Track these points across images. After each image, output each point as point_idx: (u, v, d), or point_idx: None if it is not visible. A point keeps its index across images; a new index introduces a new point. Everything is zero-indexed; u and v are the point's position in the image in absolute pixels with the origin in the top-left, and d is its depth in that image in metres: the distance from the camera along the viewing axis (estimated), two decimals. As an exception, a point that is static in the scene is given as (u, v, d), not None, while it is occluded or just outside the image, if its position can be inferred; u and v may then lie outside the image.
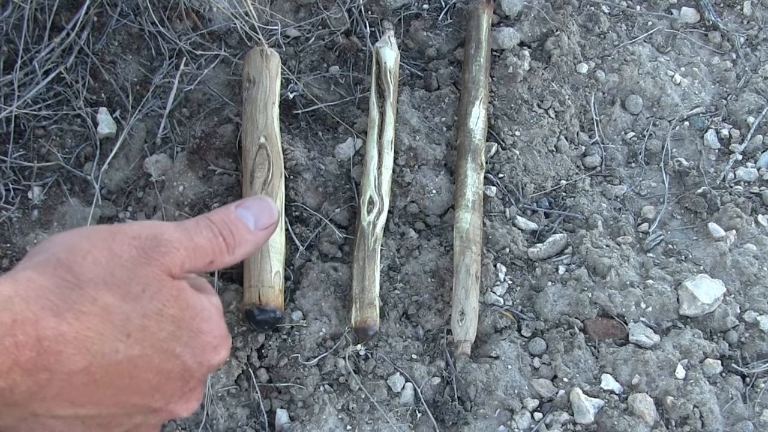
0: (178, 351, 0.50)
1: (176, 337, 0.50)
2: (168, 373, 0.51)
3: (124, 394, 0.50)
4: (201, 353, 0.51)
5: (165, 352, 0.50)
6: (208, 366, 0.53)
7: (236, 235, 0.54)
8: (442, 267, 1.12)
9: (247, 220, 0.55)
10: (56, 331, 0.45)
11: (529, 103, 1.27)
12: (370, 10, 1.36)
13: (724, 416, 1.02)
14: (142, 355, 0.49)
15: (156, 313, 0.49)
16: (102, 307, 0.47)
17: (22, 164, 1.19)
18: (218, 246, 0.53)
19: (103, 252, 0.48)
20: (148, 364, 0.49)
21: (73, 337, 0.46)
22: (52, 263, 0.47)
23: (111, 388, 0.49)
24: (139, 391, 0.51)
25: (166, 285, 0.49)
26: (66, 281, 0.46)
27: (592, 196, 1.21)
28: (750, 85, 1.33)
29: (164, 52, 1.27)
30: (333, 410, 1.01)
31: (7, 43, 1.21)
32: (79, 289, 0.46)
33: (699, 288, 1.09)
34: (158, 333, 0.49)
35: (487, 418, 1.02)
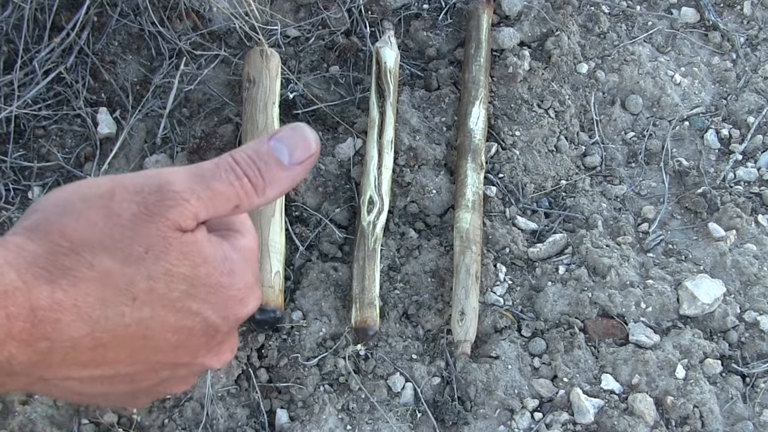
0: (195, 308, 0.45)
1: (191, 295, 0.45)
2: (188, 330, 0.46)
3: (142, 354, 0.46)
4: (224, 308, 0.46)
5: (180, 310, 0.45)
6: (236, 319, 0.48)
7: (266, 174, 0.47)
8: (442, 267, 1.12)
9: (280, 153, 0.48)
10: (51, 300, 0.41)
11: (529, 103, 1.27)
12: (370, 10, 1.36)
13: (724, 416, 1.02)
14: (154, 317, 0.44)
15: (164, 274, 0.44)
16: (101, 272, 0.42)
17: (22, 164, 1.19)
18: (243, 189, 0.47)
19: (100, 212, 0.43)
20: (162, 324, 0.45)
21: (71, 304, 0.42)
22: (43, 227, 0.43)
23: (124, 349, 0.45)
24: (159, 350, 0.46)
25: (173, 243, 0.44)
26: (59, 246, 0.42)
27: (592, 196, 1.22)
28: (750, 85, 1.33)
29: (164, 52, 1.27)
30: (333, 410, 1.01)
31: (7, 43, 1.21)
32: (74, 254, 0.42)
33: (699, 288, 1.09)
34: (169, 293, 0.44)
35: (487, 418, 1.02)
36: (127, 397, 0.51)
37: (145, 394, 0.52)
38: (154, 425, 1.00)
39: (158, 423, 1.00)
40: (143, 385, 0.50)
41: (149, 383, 0.50)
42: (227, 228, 0.49)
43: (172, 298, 0.44)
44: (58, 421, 1.01)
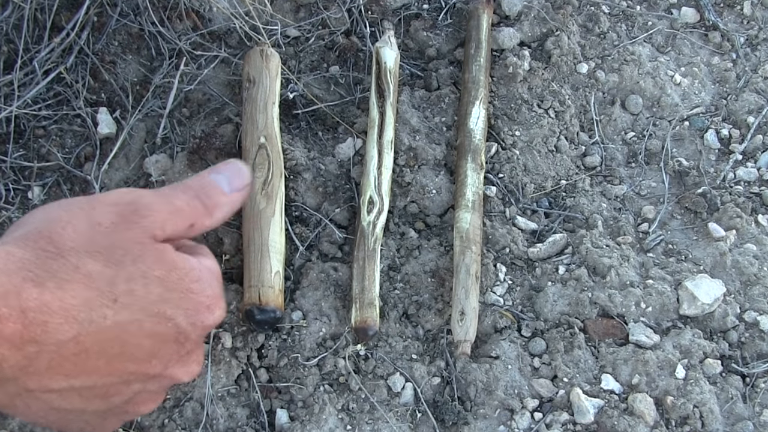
0: (169, 313, 0.49)
1: (165, 299, 0.49)
2: (161, 336, 0.50)
3: (118, 362, 0.49)
4: (194, 313, 0.51)
5: (156, 315, 0.49)
6: (203, 327, 0.52)
7: (213, 198, 0.54)
8: (442, 267, 1.12)
9: (221, 183, 0.55)
10: (39, 302, 0.44)
11: (529, 103, 1.27)
12: (370, 10, 1.36)
13: (724, 416, 1.02)
14: (132, 320, 0.48)
15: (141, 276, 0.48)
16: (85, 274, 0.46)
17: (22, 164, 1.19)
18: (197, 208, 0.53)
19: (83, 221, 0.47)
20: (139, 328, 0.49)
21: (59, 306, 0.45)
22: (32, 235, 0.47)
23: (103, 356, 0.48)
24: (134, 358, 0.50)
25: (148, 248, 0.49)
26: (46, 251, 0.46)
27: (592, 196, 1.22)
28: (750, 85, 1.33)
29: (164, 52, 1.27)
30: (333, 410, 1.01)
31: (7, 43, 1.21)
32: (61, 257, 0.46)
33: (699, 288, 1.09)
34: (146, 296, 0.48)
35: (487, 418, 1.02)
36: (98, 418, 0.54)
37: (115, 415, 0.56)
38: (154, 425, 1.00)
39: (158, 423, 1.00)
40: (115, 401, 0.53)
41: (121, 398, 0.53)
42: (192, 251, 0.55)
43: (149, 300, 0.49)
44: (58, 421, 1.01)
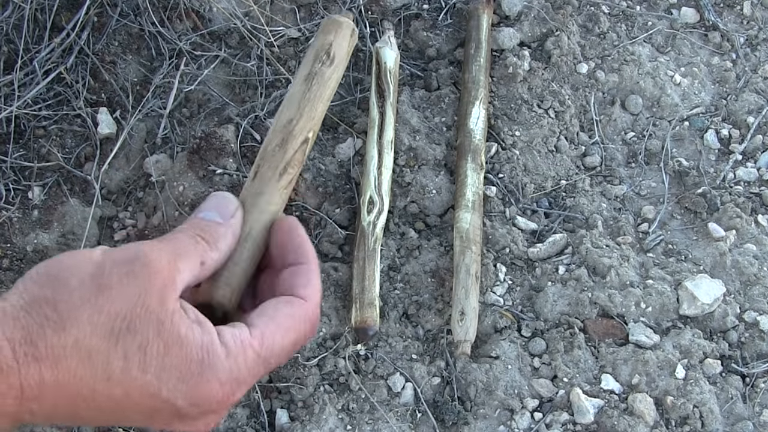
0: (165, 394, 0.48)
1: (161, 380, 0.48)
2: (158, 412, 0.49)
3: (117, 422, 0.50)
4: (193, 396, 0.49)
5: (151, 395, 0.48)
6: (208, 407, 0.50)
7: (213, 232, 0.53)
8: (442, 267, 1.12)
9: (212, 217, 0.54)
10: (38, 378, 0.45)
11: (529, 103, 1.27)
12: (370, 10, 1.36)
13: (724, 416, 1.02)
14: (126, 396, 0.48)
15: (138, 351, 0.47)
16: (83, 351, 0.46)
17: (22, 164, 1.19)
18: (200, 246, 0.52)
19: (92, 289, 0.47)
20: (134, 404, 0.48)
21: (53, 381, 0.46)
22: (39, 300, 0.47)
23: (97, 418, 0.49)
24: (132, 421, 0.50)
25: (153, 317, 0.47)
26: (50, 320, 0.46)
27: (592, 196, 1.22)
28: (750, 85, 1.33)
29: (164, 52, 1.27)
30: (333, 410, 1.01)
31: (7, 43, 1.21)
32: (62, 330, 0.46)
33: (699, 288, 1.09)
34: (142, 375, 0.47)
35: (487, 418, 1.02)
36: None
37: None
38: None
39: (158, 423, 1.00)
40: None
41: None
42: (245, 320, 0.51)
43: (144, 381, 0.47)
44: (58, 421, 1.01)
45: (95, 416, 0.49)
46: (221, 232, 0.53)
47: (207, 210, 0.55)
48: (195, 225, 0.53)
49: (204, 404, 0.49)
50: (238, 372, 0.50)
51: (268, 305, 0.52)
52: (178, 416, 0.50)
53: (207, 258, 0.52)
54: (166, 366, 0.48)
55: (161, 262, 0.49)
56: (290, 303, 0.53)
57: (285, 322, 0.52)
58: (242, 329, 0.50)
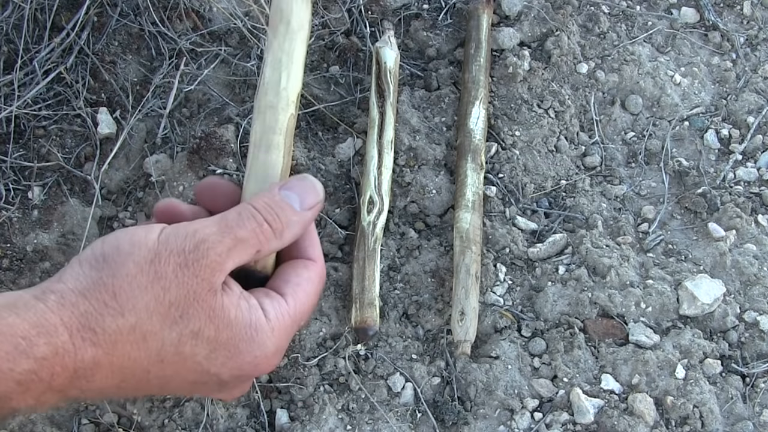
0: (213, 371, 0.50)
1: (211, 359, 0.50)
2: (203, 384, 0.51)
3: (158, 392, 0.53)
4: (237, 370, 0.51)
5: (199, 372, 0.50)
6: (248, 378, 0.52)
7: (282, 219, 0.52)
8: (442, 267, 1.12)
9: (292, 201, 0.53)
10: (92, 361, 0.47)
11: (529, 103, 1.27)
12: (370, 10, 1.36)
13: (724, 416, 1.02)
14: (175, 374, 0.50)
15: (191, 336, 0.49)
16: (139, 336, 0.48)
17: (22, 164, 1.19)
18: (263, 234, 0.51)
19: (149, 276, 0.48)
20: (181, 380, 0.50)
21: (108, 362, 0.47)
22: (98, 286, 0.48)
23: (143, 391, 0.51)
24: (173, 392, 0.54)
25: (205, 303, 0.49)
26: (109, 307, 0.47)
27: (592, 196, 1.22)
28: (750, 85, 1.33)
29: (164, 52, 1.27)
30: (333, 410, 1.01)
31: (7, 43, 1.21)
32: (121, 316, 0.47)
33: (699, 288, 1.09)
34: (192, 357, 0.49)
35: (487, 418, 1.02)
36: None
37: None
38: (154, 425, 1.00)
39: (158, 423, 1.00)
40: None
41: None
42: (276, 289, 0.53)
43: (194, 361, 0.50)
44: (58, 421, 1.01)
45: (141, 391, 0.51)
46: (293, 221, 0.52)
47: (291, 190, 0.53)
48: (272, 204, 0.52)
49: (247, 375, 0.52)
50: (281, 342, 0.52)
51: (289, 270, 0.54)
52: (219, 387, 0.52)
53: (265, 247, 0.52)
54: (216, 347, 0.50)
55: (216, 253, 0.49)
56: (307, 267, 0.55)
57: (308, 287, 0.54)
58: (280, 301, 0.52)
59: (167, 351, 0.48)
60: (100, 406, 1.02)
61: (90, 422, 1.01)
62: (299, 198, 0.53)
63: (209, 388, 0.52)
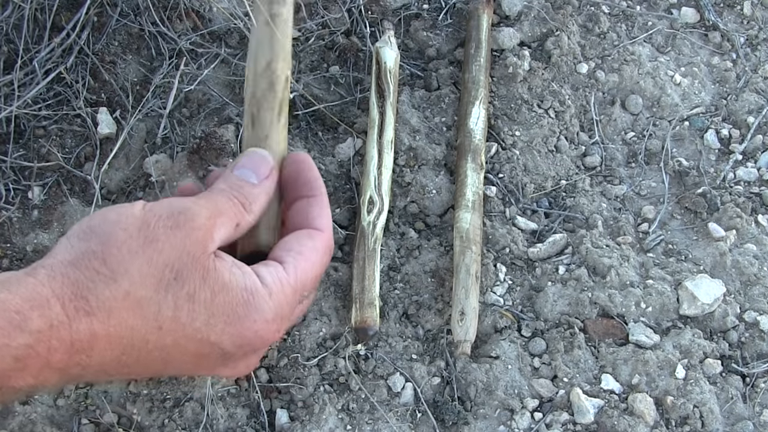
0: (213, 338, 0.49)
1: (210, 325, 0.49)
2: (205, 357, 0.50)
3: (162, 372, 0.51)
4: (239, 337, 0.50)
5: (199, 341, 0.49)
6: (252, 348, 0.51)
7: (246, 193, 0.53)
8: (442, 267, 1.12)
9: (248, 177, 0.54)
10: (89, 332, 0.46)
11: (529, 103, 1.27)
12: (370, 10, 1.36)
13: (724, 416, 1.02)
14: (175, 344, 0.48)
15: (187, 300, 0.48)
16: (134, 301, 0.47)
17: (22, 164, 1.19)
18: (236, 207, 0.52)
19: (140, 241, 0.48)
20: (182, 352, 0.49)
21: (105, 333, 0.46)
22: (88, 254, 0.48)
23: (146, 369, 0.50)
24: (177, 368, 0.51)
25: (199, 265, 0.48)
26: (100, 274, 0.47)
27: (592, 196, 1.22)
28: (750, 85, 1.33)
29: (164, 52, 1.27)
30: (333, 410, 1.01)
31: (7, 43, 1.21)
32: (113, 282, 0.47)
33: (699, 288, 1.09)
34: (191, 322, 0.48)
35: (487, 418, 1.02)
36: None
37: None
38: (154, 425, 1.00)
39: (158, 423, 1.00)
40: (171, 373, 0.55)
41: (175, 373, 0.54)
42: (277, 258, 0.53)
43: (193, 327, 0.49)
44: (58, 421, 1.01)
45: (143, 367, 0.49)
46: (255, 193, 0.54)
47: (243, 167, 0.55)
48: (231, 184, 0.54)
49: (249, 344, 0.51)
50: (280, 309, 0.52)
51: (292, 240, 0.54)
52: (223, 360, 0.51)
53: (242, 221, 0.53)
54: (214, 312, 0.49)
55: (201, 218, 0.50)
56: (311, 237, 0.55)
57: (311, 256, 0.54)
58: (277, 268, 0.52)
59: (164, 316, 0.48)
60: (100, 406, 1.02)
61: (90, 422, 1.01)
62: (253, 172, 0.55)
63: (213, 361, 0.51)
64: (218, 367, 0.52)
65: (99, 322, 0.46)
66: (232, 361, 0.52)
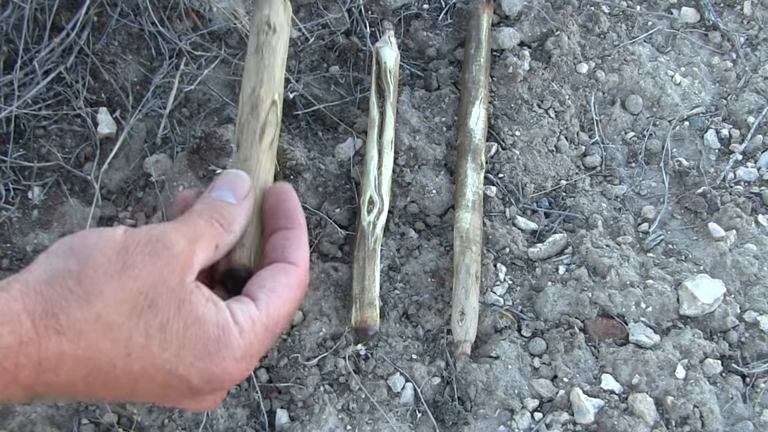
0: (181, 371, 0.49)
1: (179, 357, 0.48)
2: (173, 388, 0.50)
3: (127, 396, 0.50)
4: (207, 374, 0.49)
5: (168, 372, 0.49)
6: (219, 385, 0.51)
7: (225, 213, 0.54)
8: (442, 267, 1.12)
9: (226, 197, 0.55)
10: (57, 351, 0.46)
11: (529, 103, 1.27)
12: (370, 10, 1.36)
13: (724, 416, 1.02)
14: (143, 372, 0.48)
15: (159, 330, 0.48)
16: (105, 325, 0.47)
17: (22, 164, 1.19)
18: (215, 229, 0.53)
19: (117, 266, 0.48)
20: (149, 380, 0.49)
21: (73, 353, 0.46)
22: (63, 273, 0.47)
23: (113, 393, 0.49)
24: (144, 396, 0.50)
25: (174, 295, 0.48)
26: (74, 294, 0.47)
27: (592, 196, 1.22)
28: (750, 85, 1.33)
29: (164, 52, 1.27)
30: (333, 410, 1.01)
31: (7, 43, 1.21)
32: (86, 303, 0.46)
33: (699, 288, 1.09)
34: (161, 353, 0.48)
35: (487, 418, 1.02)
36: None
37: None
38: (154, 425, 1.00)
39: (158, 423, 1.00)
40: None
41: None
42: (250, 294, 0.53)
43: (162, 358, 0.48)
44: (58, 421, 1.01)
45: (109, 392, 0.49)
46: (235, 213, 0.54)
47: (221, 189, 0.56)
48: (210, 206, 0.54)
49: (217, 381, 0.50)
50: (251, 347, 0.51)
51: (266, 276, 0.54)
52: (190, 393, 0.51)
53: (221, 242, 0.53)
54: (185, 345, 0.48)
55: (180, 245, 0.50)
56: (286, 272, 0.55)
57: (285, 293, 0.54)
58: (249, 305, 0.52)
59: (135, 344, 0.47)
60: (100, 406, 1.02)
61: (90, 422, 1.01)
62: (231, 192, 0.56)
63: (179, 393, 0.50)
64: (185, 400, 0.52)
65: (68, 342, 0.46)
66: (199, 396, 0.51)
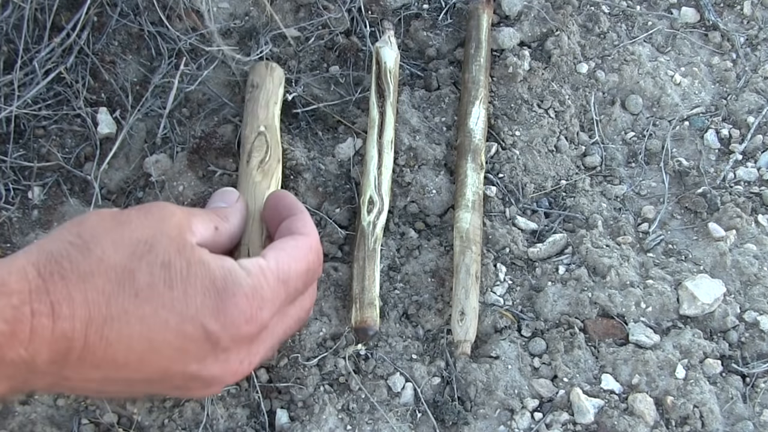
0: (192, 312, 0.48)
1: (188, 295, 0.48)
2: (189, 335, 0.48)
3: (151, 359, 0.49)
4: (221, 315, 0.48)
5: (179, 313, 0.47)
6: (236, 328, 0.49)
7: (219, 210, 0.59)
8: (442, 267, 1.12)
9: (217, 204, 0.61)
10: (66, 294, 0.46)
11: (529, 103, 1.27)
12: (370, 10, 1.36)
13: (724, 416, 1.02)
14: (154, 316, 0.47)
15: (162, 267, 0.47)
16: (107, 267, 0.47)
17: (22, 164, 1.19)
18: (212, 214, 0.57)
19: (113, 223, 0.50)
20: (163, 325, 0.48)
21: (82, 299, 0.46)
22: (62, 229, 0.50)
23: (132, 351, 0.48)
24: (163, 355, 0.49)
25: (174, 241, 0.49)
26: (73, 243, 0.48)
27: (592, 196, 1.22)
28: (750, 85, 1.33)
29: (164, 52, 1.27)
30: (333, 410, 1.01)
31: (7, 43, 1.21)
32: (86, 248, 0.48)
33: (699, 288, 1.09)
34: (168, 291, 0.47)
35: (487, 418, 1.02)
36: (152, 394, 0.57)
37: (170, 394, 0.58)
38: (154, 425, 1.00)
39: (158, 423, 1.00)
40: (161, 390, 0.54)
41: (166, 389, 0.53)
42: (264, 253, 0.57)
43: (170, 297, 0.47)
44: (58, 421, 1.01)
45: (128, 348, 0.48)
46: (228, 210, 0.60)
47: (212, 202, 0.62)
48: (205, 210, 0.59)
49: (233, 324, 0.49)
50: (261, 289, 0.51)
51: (275, 243, 0.58)
52: (210, 345, 0.49)
53: (220, 225, 0.56)
54: (191, 282, 0.48)
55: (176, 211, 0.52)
56: (294, 238, 0.58)
57: (293, 252, 0.56)
58: (257, 258, 0.54)
59: (140, 283, 0.47)
60: (100, 406, 1.02)
61: (90, 422, 1.01)
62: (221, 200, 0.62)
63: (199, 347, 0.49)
64: (208, 359, 0.50)
65: (74, 286, 0.46)
66: (220, 350, 0.50)
